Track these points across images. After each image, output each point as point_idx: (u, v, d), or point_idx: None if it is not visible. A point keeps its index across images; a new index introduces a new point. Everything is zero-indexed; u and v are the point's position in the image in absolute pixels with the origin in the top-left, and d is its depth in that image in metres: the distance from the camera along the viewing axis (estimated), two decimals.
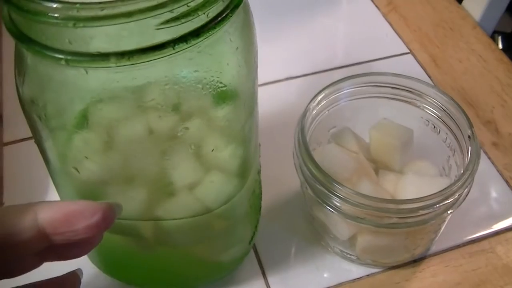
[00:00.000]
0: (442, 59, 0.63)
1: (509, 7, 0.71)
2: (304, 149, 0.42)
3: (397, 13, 0.69)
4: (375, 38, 0.66)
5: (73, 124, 0.30)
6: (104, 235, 0.30)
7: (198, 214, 0.35)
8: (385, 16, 0.68)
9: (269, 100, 0.57)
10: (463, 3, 0.70)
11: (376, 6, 0.70)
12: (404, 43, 0.65)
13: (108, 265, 0.42)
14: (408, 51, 0.64)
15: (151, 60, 0.26)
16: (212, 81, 0.29)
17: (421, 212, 0.39)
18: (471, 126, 0.43)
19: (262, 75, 0.59)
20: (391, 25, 0.67)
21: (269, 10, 0.69)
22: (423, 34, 0.66)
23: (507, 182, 0.52)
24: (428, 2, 0.70)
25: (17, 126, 0.56)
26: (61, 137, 0.31)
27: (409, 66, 0.62)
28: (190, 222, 0.35)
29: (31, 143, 0.35)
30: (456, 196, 0.40)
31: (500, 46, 0.93)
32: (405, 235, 0.42)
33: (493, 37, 0.89)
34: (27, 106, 0.30)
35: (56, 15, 0.24)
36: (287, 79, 0.60)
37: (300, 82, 0.60)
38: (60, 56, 0.26)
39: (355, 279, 0.45)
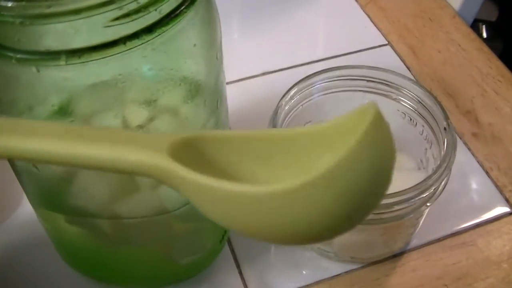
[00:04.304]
0: (421, 50, 0.62)
1: None
2: None
3: (375, 5, 0.68)
4: (354, 31, 0.65)
5: None
6: (69, 229, 0.29)
7: (162, 213, 0.34)
8: (363, 8, 0.68)
9: (245, 95, 0.56)
10: None
11: None
12: (383, 34, 0.64)
13: (76, 261, 0.42)
14: (386, 42, 0.63)
15: (103, 58, 0.25)
16: (168, 78, 0.28)
17: (397, 207, 0.38)
18: (446, 117, 0.42)
19: (239, 71, 0.59)
20: (369, 17, 0.66)
21: (249, 6, 0.68)
22: (402, 25, 0.65)
23: (487, 173, 0.51)
24: None
25: None
26: None
27: (387, 57, 0.62)
28: (153, 221, 0.35)
29: None
30: (432, 190, 0.39)
31: (484, 35, 0.92)
32: (382, 230, 0.41)
33: (476, 26, 0.89)
34: None
35: (1, 12, 0.23)
36: (263, 74, 0.59)
37: (277, 77, 0.59)
38: (11, 54, 0.25)
39: (334, 276, 0.44)
